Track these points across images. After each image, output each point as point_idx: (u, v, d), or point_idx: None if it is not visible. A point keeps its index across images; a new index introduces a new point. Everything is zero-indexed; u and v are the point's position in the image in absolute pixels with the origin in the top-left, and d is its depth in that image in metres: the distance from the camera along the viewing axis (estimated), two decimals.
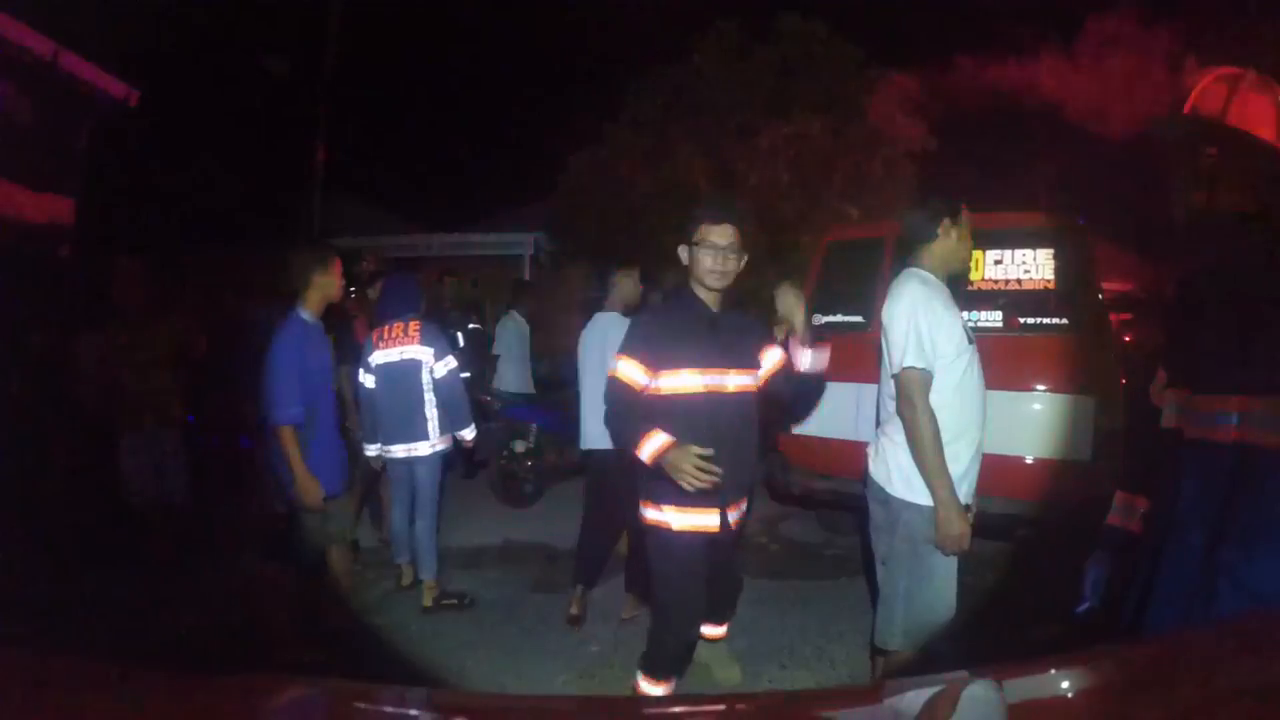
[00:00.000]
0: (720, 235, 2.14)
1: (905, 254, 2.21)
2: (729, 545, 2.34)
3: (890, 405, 2.12)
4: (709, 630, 2.66)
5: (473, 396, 3.92)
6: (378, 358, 3.46)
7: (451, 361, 3.46)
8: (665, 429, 2.06)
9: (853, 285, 4.15)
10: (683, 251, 2.21)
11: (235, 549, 3.97)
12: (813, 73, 9.00)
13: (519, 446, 5.25)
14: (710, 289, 2.18)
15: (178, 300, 4.28)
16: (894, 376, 2.05)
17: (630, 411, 2.14)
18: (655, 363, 2.13)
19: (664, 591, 2.21)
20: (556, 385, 5.80)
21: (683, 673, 2.33)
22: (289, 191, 9.25)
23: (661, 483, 2.08)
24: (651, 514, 2.18)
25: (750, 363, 2.26)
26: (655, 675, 2.23)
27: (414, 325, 3.46)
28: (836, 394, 3.90)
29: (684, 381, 2.13)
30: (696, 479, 1.96)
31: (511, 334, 5.44)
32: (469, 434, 3.53)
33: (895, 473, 2.08)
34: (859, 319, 3.94)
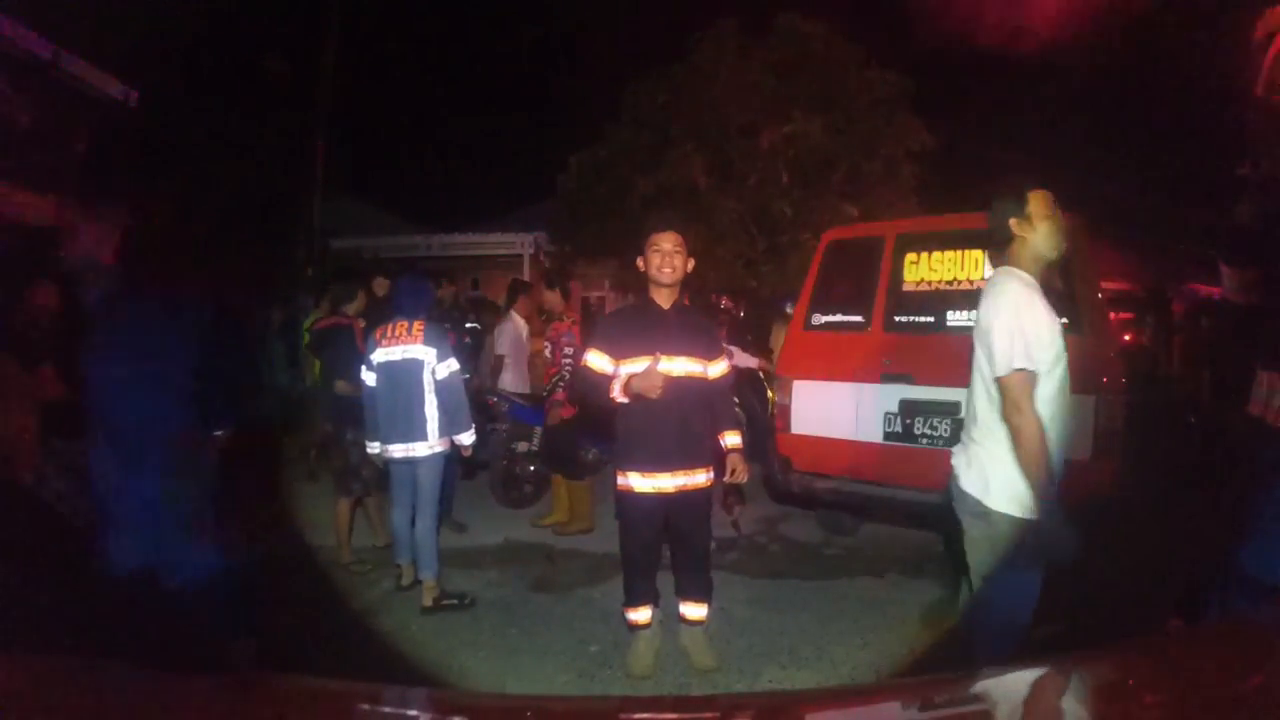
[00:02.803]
0: (664, 240, 2.60)
1: (995, 254, 2.14)
2: (689, 510, 2.71)
3: (986, 412, 2.01)
4: (686, 609, 2.81)
5: (472, 396, 3.91)
6: (379, 355, 3.46)
7: (454, 363, 3.46)
8: (626, 409, 2.61)
9: (853, 285, 4.15)
10: (640, 261, 2.66)
11: None
12: (813, 73, 9.00)
13: (520, 447, 5.25)
14: (661, 285, 2.63)
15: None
16: (997, 380, 1.93)
17: (600, 387, 2.63)
18: (616, 353, 2.63)
19: (625, 539, 2.76)
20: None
21: (656, 600, 2.82)
22: (289, 191, 9.24)
23: (623, 454, 2.67)
24: (620, 480, 2.68)
25: (697, 351, 2.67)
26: (632, 604, 2.77)
27: (418, 325, 3.45)
28: (836, 394, 3.91)
29: (636, 367, 2.57)
30: (659, 382, 2.49)
31: (509, 335, 5.45)
32: (468, 439, 3.50)
33: (996, 485, 1.95)
34: (859, 319, 3.95)
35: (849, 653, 2.96)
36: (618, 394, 2.58)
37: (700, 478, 2.69)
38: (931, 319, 3.73)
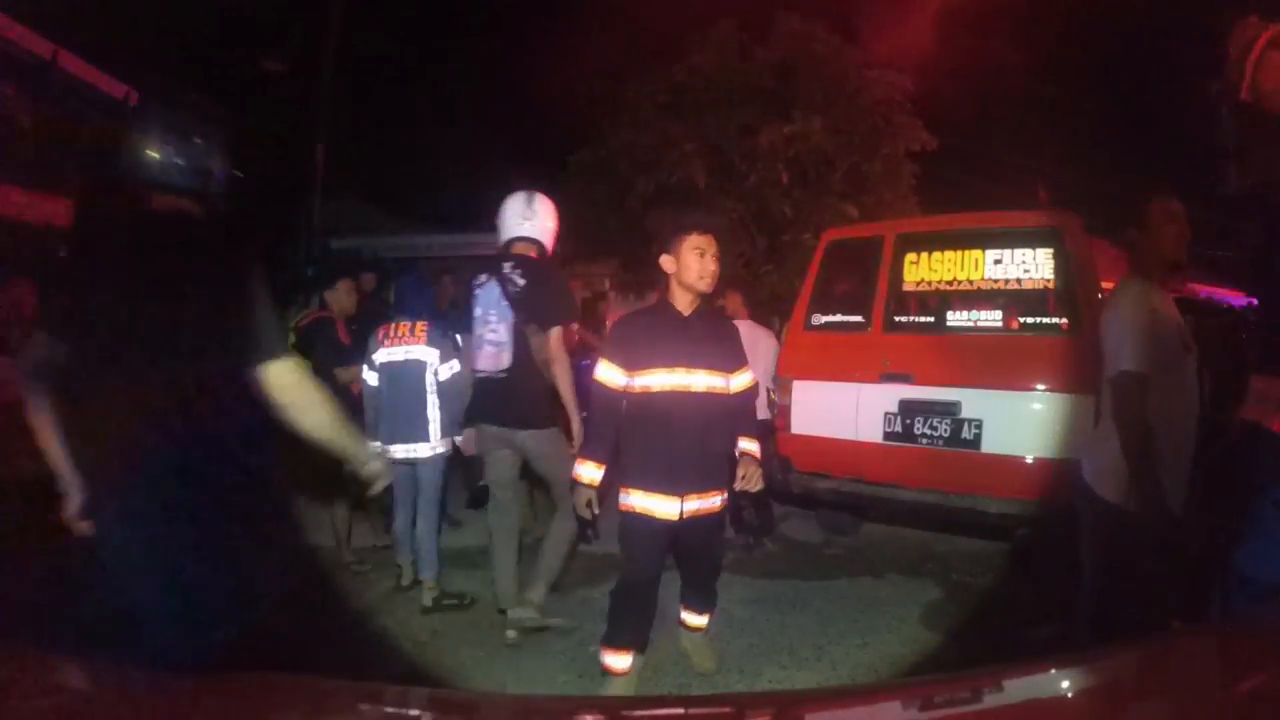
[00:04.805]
0: (708, 242, 2.40)
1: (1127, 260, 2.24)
2: (701, 532, 2.51)
3: (1108, 409, 2.12)
4: (688, 617, 2.76)
5: None
6: (381, 355, 3.45)
7: (456, 364, 3.46)
8: (639, 423, 2.44)
9: (853, 285, 4.15)
10: (668, 259, 2.43)
11: None
12: (813, 73, 8.99)
13: None
14: (698, 292, 2.44)
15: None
16: (1110, 379, 2.06)
17: (604, 417, 2.46)
18: (630, 364, 2.42)
19: (627, 567, 2.50)
20: None
21: (643, 647, 2.55)
22: (289, 191, 9.22)
23: (630, 471, 2.43)
24: (622, 498, 2.45)
25: (720, 364, 2.46)
26: (615, 645, 2.47)
27: (421, 325, 3.46)
28: (836, 394, 3.91)
29: (654, 380, 2.39)
30: (580, 513, 2.43)
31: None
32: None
33: (1109, 476, 2.07)
34: (859, 319, 3.95)
35: (849, 653, 2.96)
36: (573, 471, 2.48)
37: (715, 500, 2.49)
38: (931, 319, 3.73)
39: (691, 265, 2.39)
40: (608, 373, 2.44)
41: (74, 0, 6.01)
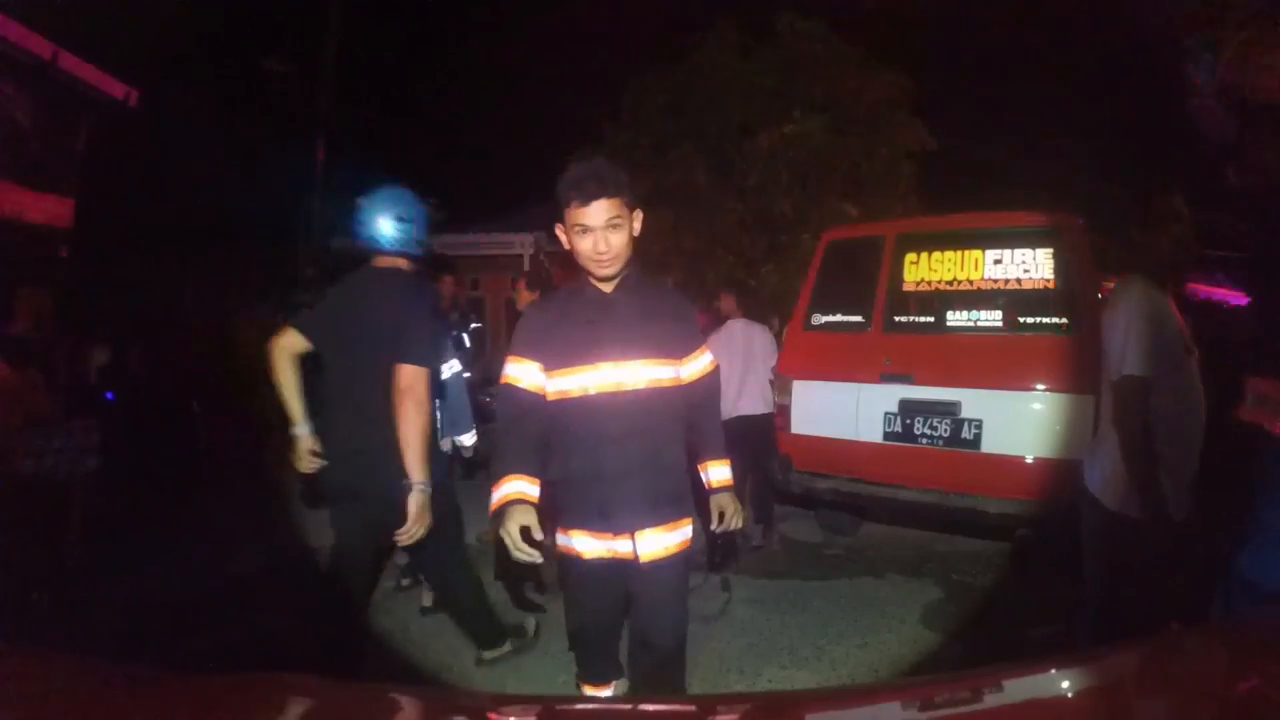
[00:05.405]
0: (591, 215, 1.75)
1: (1128, 259, 2.20)
2: (655, 583, 1.86)
3: (1108, 412, 2.10)
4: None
5: (474, 397, 3.91)
6: None
7: (456, 364, 3.46)
8: (561, 441, 1.84)
9: (853, 285, 4.15)
10: (560, 235, 1.85)
11: None
12: (813, 73, 9.00)
13: None
14: (596, 277, 1.84)
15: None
16: (1112, 384, 2.03)
17: (511, 418, 1.84)
18: (547, 360, 1.83)
19: (572, 614, 2.00)
20: None
21: (621, 672, 2.08)
22: (289, 191, 9.23)
23: (569, 507, 1.87)
24: (561, 540, 1.91)
25: (664, 349, 1.86)
26: (591, 682, 2.03)
27: None
28: (836, 394, 3.91)
29: (572, 382, 1.81)
30: (516, 553, 1.71)
31: None
32: (469, 439, 3.51)
33: (1112, 483, 2.05)
34: (859, 319, 3.95)
35: (849, 653, 2.96)
36: (493, 497, 1.80)
37: (676, 535, 1.87)
38: (931, 319, 3.74)
39: (579, 249, 1.79)
40: (516, 369, 1.83)
41: (74, 0, 6.01)
